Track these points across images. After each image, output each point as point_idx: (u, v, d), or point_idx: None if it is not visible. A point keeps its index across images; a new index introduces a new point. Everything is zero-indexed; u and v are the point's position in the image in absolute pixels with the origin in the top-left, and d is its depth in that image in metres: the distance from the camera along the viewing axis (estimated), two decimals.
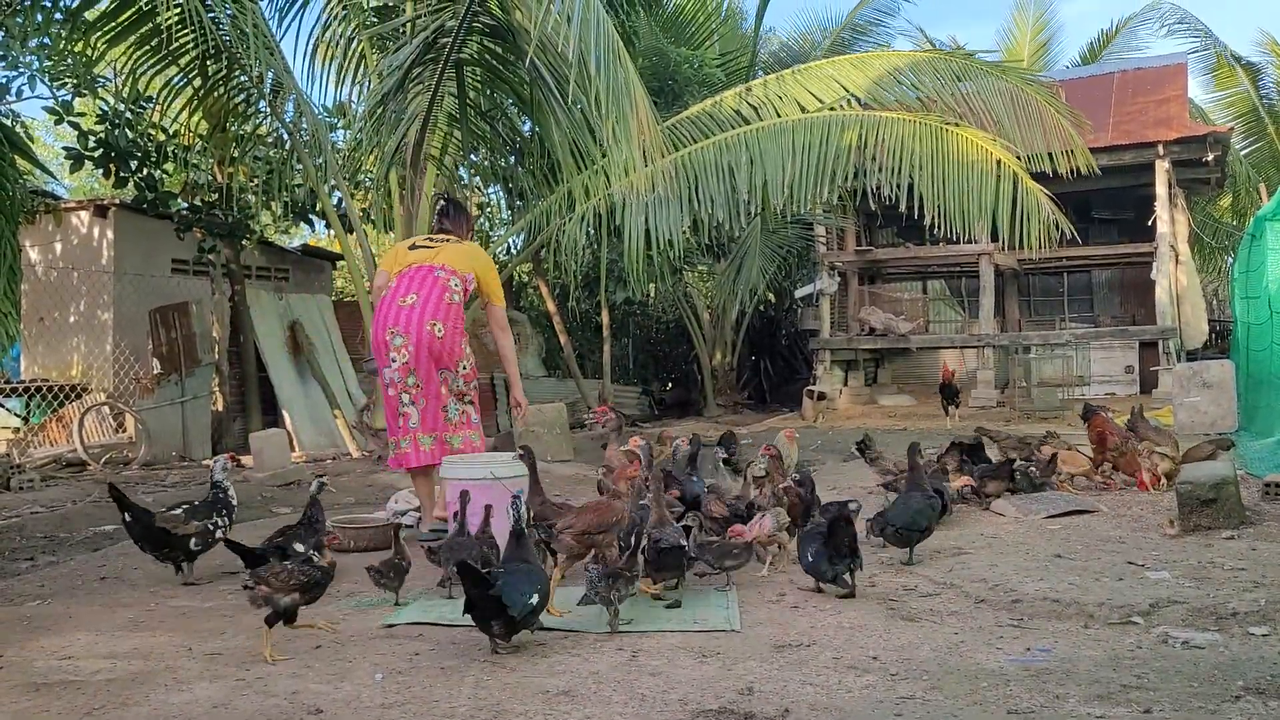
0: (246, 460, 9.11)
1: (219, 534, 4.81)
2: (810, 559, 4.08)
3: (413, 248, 5.71)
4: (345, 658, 3.45)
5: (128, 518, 4.77)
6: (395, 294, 5.47)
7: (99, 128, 10.37)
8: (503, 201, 14.07)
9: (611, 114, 5.60)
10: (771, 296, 19.59)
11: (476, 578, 3.29)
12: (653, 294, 18.46)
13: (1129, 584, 4.07)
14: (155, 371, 11.22)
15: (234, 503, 5.02)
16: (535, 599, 3.39)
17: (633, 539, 3.78)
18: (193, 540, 4.76)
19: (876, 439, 7.13)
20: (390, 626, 3.83)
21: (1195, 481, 5.12)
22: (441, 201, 6.14)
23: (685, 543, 4.05)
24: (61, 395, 11.21)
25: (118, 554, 5.54)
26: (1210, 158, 14.99)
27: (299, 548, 4.33)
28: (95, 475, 9.37)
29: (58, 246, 12.48)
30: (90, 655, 3.59)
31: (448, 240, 5.71)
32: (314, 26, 8.51)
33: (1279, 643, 3.25)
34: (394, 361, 5.40)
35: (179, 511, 4.87)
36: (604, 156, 6.28)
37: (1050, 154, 8.04)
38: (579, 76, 5.65)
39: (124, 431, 11.22)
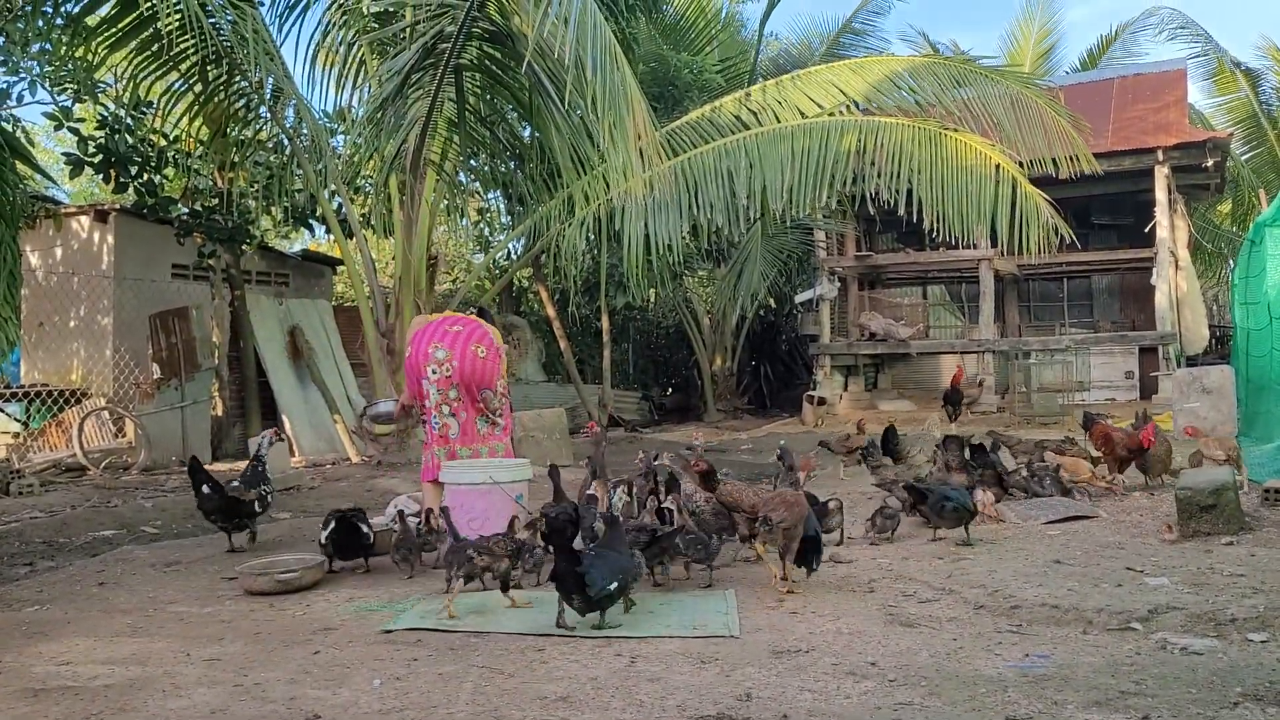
0: (243, 465, 9.09)
1: (269, 498, 5.78)
2: None
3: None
4: (343, 663, 3.45)
5: (206, 490, 5.57)
6: (440, 324, 5.66)
7: (99, 133, 10.38)
8: (503, 207, 14.08)
9: (608, 117, 5.61)
10: (772, 302, 19.58)
11: (570, 554, 3.66)
12: (653, 299, 18.48)
13: (1128, 590, 4.07)
14: (155, 376, 11.21)
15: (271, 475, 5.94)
16: (615, 586, 3.69)
17: None
18: (255, 504, 5.64)
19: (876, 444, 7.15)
20: (389, 632, 3.83)
21: (1195, 487, 5.11)
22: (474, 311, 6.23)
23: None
24: (61, 400, 11.19)
25: (116, 559, 5.54)
26: (1210, 163, 14.99)
27: None
28: (95, 480, 9.36)
29: (58, 251, 12.48)
30: (88, 661, 3.58)
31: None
32: (314, 32, 8.52)
33: (1277, 649, 3.24)
34: (433, 374, 5.50)
35: (237, 484, 5.73)
36: (602, 161, 6.28)
37: (1053, 158, 8.03)
38: (576, 80, 5.66)
39: (124, 436, 11.21)
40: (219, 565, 5.30)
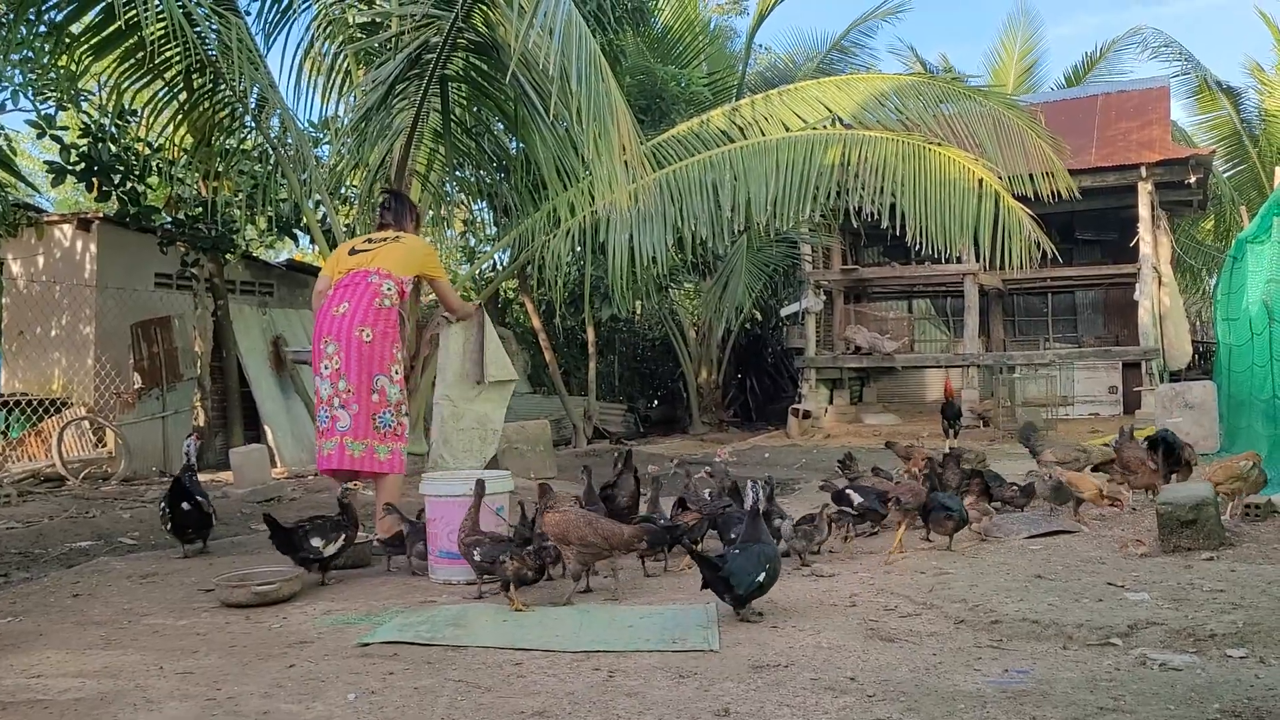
0: (226, 476, 9.06)
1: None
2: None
3: (352, 251, 5.83)
4: (318, 676, 3.41)
5: (187, 506, 5.69)
6: (331, 303, 5.61)
7: (82, 141, 10.33)
8: (489, 217, 14.07)
9: (593, 128, 5.61)
10: (758, 314, 19.63)
11: (709, 564, 3.96)
12: (639, 311, 18.48)
13: (1108, 605, 4.07)
14: (136, 386, 11.14)
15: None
16: (763, 577, 3.95)
17: None
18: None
19: (860, 458, 7.13)
20: (365, 645, 3.79)
21: (1175, 503, 5.12)
22: (383, 195, 6.21)
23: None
24: (41, 409, 11.11)
25: (92, 571, 5.48)
26: (1192, 180, 15.12)
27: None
28: (73, 491, 9.29)
29: (40, 260, 12.41)
30: (59, 673, 3.53)
31: (386, 240, 5.80)
32: (300, 42, 8.50)
33: (1256, 665, 3.24)
34: (325, 369, 5.53)
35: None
36: (587, 172, 6.28)
37: (1031, 176, 8.09)
38: (561, 91, 5.66)
39: (104, 446, 11.14)
40: (196, 577, 5.25)
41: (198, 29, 7.10)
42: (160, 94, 8.27)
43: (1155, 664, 3.27)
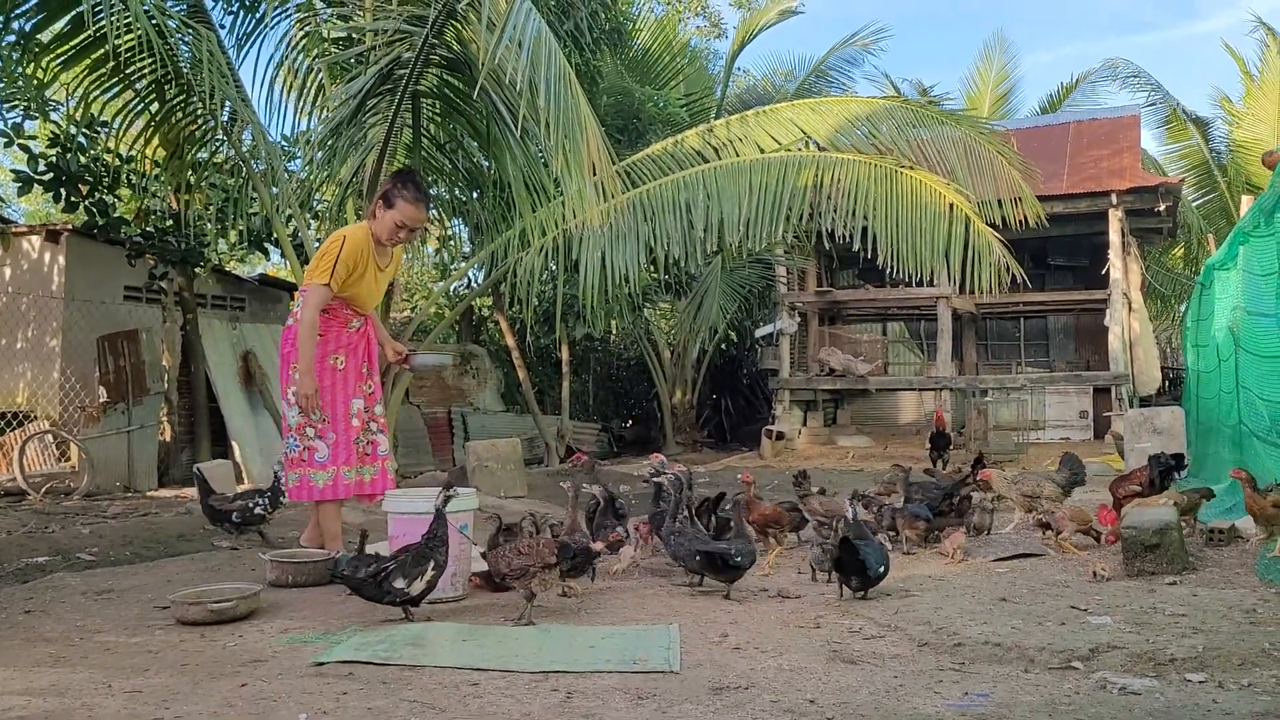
0: (189, 492, 8.93)
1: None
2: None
3: None
4: (270, 696, 3.34)
5: None
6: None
7: (51, 151, 10.22)
8: (465, 235, 14.04)
9: (563, 145, 5.60)
10: (733, 335, 19.66)
11: (852, 550, 4.62)
12: (614, 330, 18.46)
13: (1071, 628, 4.06)
14: (101, 400, 10.98)
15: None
16: (883, 569, 4.69)
17: None
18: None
19: (834, 480, 7.15)
20: (320, 665, 3.72)
21: (1139, 526, 5.14)
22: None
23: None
24: (3, 423, 10.93)
25: (46, 587, 5.36)
26: (1162, 208, 15.31)
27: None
28: (34, 505, 9.12)
29: (6, 271, 12.23)
30: (4, 691, 3.44)
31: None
32: (273, 55, 8.47)
33: (1215, 690, 3.24)
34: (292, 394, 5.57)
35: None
36: (559, 190, 6.25)
37: (1000, 202, 8.16)
38: (529, 105, 5.65)
39: (67, 461, 10.96)
40: (153, 594, 5.15)
41: (170, 41, 7.06)
42: (132, 105, 8.20)
43: (1115, 688, 3.26)
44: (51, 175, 10.14)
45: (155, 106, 8.18)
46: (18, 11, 7.23)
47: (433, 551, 4.41)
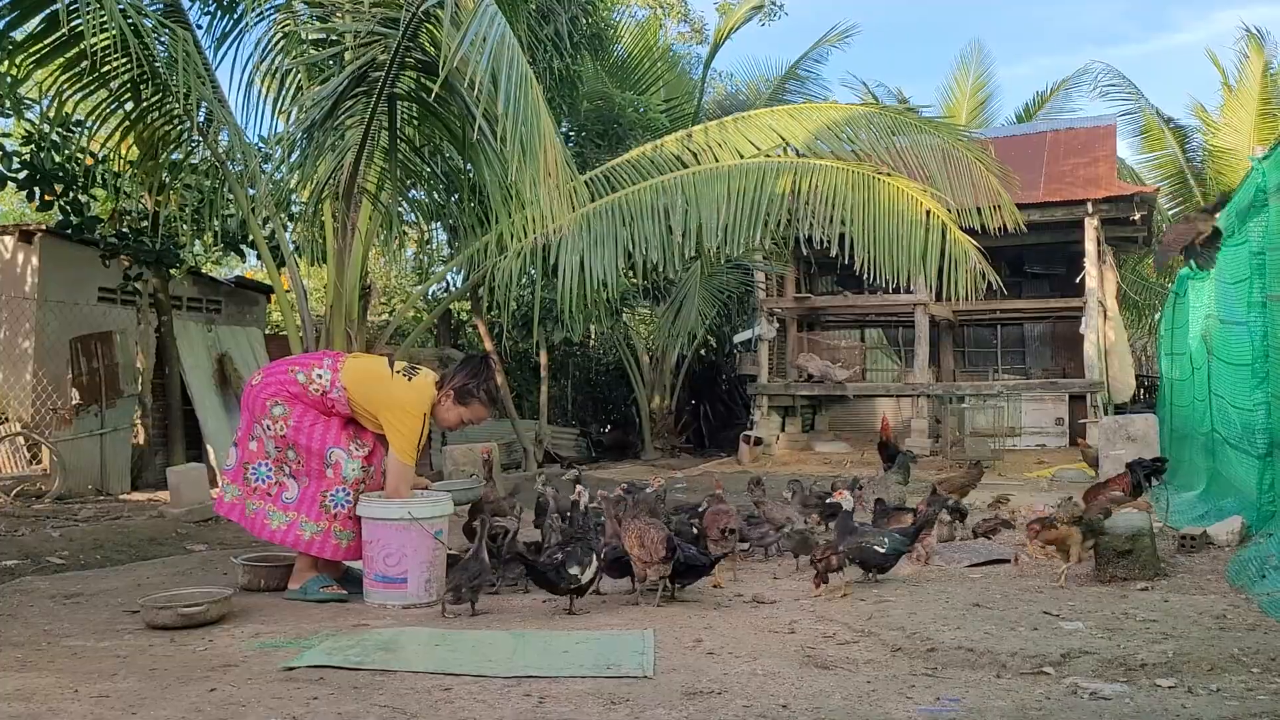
0: (162, 496, 8.85)
1: None
2: None
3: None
4: (239, 701, 3.31)
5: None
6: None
7: (25, 149, 10.12)
8: (444, 238, 13.98)
9: (518, 150, 5.61)
10: (711, 341, 19.67)
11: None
12: (592, 335, 18.44)
13: (1043, 634, 4.08)
14: (74, 402, 10.87)
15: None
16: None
17: None
18: None
19: (809, 485, 7.18)
20: (291, 669, 3.69)
21: (1112, 533, 5.17)
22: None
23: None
24: None
25: (14, 591, 5.30)
26: (1137, 217, 15.44)
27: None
28: (3, 508, 9.01)
29: None
30: None
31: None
32: (250, 56, 8.38)
33: (1184, 695, 3.26)
34: None
35: None
36: (533, 197, 6.23)
37: (979, 209, 8.19)
38: (488, 108, 5.61)
39: (39, 464, 10.85)
40: (122, 598, 5.11)
41: (145, 40, 6.98)
42: (106, 104, 8.11)
43: (1086, 693, 3.28)
44: (26, 173, 10.03)
45: (130, 106, 8.09)
46: None
47: (592, 544, 4.69)
